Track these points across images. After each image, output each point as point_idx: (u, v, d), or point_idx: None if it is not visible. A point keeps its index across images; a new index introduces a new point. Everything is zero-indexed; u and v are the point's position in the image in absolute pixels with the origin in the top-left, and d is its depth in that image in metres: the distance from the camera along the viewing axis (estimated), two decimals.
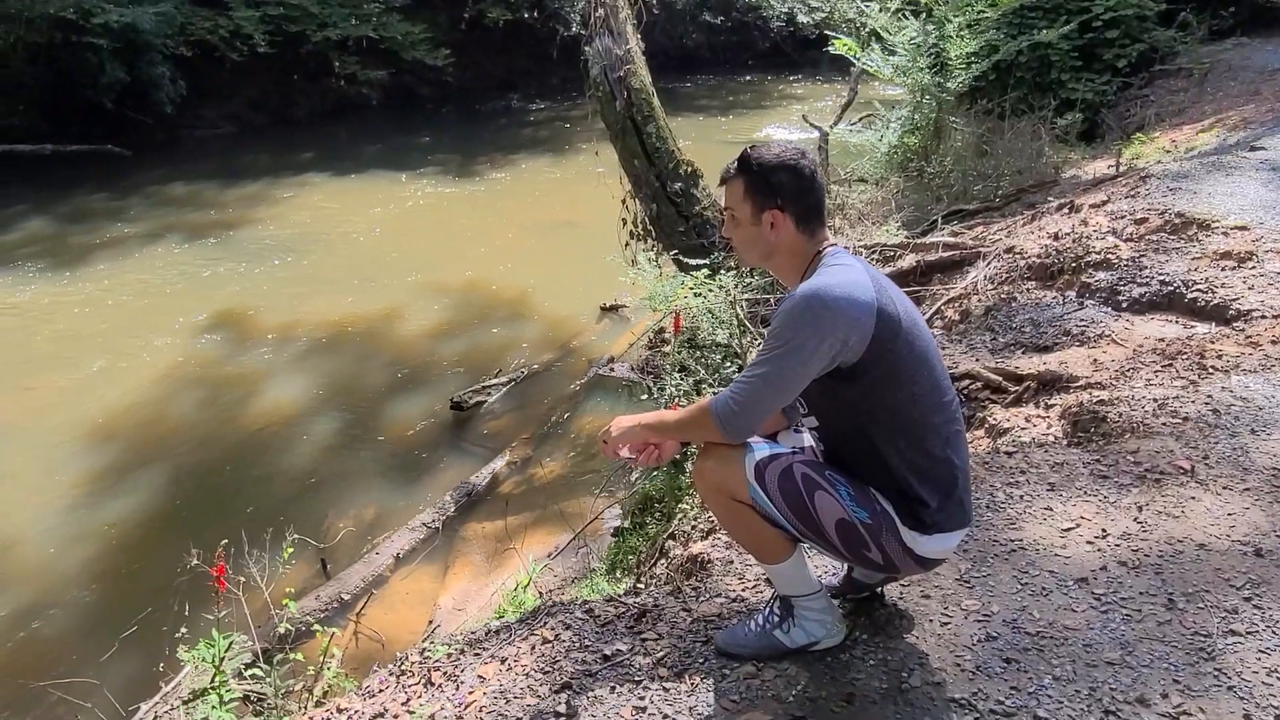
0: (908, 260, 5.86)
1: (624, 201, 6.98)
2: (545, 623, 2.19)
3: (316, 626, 4.09)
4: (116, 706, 3.18)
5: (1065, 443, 3.03)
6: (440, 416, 6.66)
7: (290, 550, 3.87)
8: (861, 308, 1.79)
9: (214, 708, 2.94)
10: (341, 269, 9.75)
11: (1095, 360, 3.88)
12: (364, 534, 5.40)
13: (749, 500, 1.91)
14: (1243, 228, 4.84)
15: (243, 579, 3.73)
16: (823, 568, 2.29)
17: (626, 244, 6.88)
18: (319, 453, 6.27)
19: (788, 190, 1.91)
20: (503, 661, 2.07)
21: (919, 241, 6.16)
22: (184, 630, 3.35)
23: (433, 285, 9.13)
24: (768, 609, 2.06)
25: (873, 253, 6.27)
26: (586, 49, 7.12)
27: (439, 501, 5.57)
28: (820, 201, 1.95)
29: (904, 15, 9.13)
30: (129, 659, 4.22)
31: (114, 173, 13.84)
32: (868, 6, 9.44)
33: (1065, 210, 5.98)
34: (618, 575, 4.33)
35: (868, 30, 9.51)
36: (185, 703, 3.20)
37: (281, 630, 3.44)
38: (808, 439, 2.08)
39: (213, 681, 3.05)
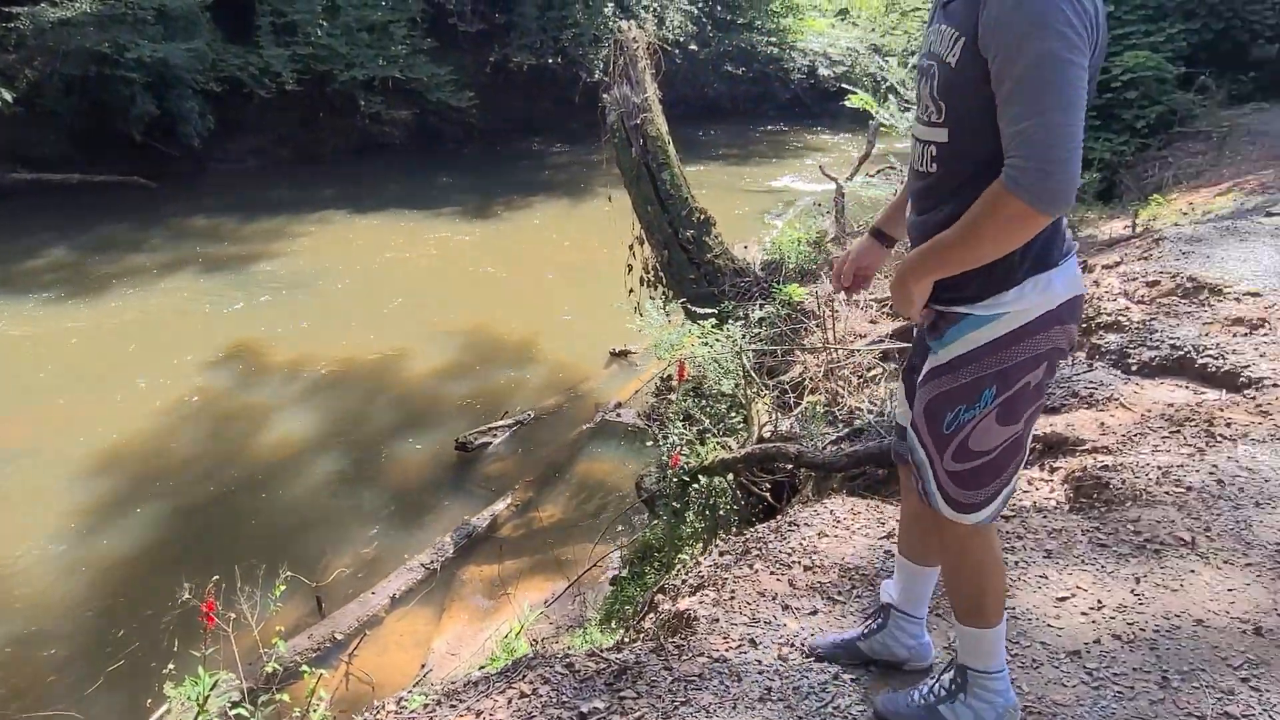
0: None
1: (631, 247, 7.01)
2: (524, 675, 2.15)
3: (305, 667, 4.05)
4: None
5: (1067, 508, 2.98)
6: (444, 457, 6.65)
7: (282, 588, 3.84)
8: None
9: None
10: (353, 306, 9.83)
11: (1102, 424, 3.83)
12: (362, 573, 5.36)
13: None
14: (1255, 294, 4.80)
15: (233, 616, 3.70)
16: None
17: (631, 290, 6.90)
18: (321, 489, 6.26)
19: None
20: (478, 715, 2.03)
21: None
22: (171, 667, 3.31)
23: (443, 325, 9.18)
24: (937, 678, 1.89)
25: (884, 306, 6.26)
26: (605, 96, 7.22)
27: (438, 542, 5.54)
28: None
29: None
30: (114, 693, 4.19)
31: (139, 204, 14.08)
32: (887, 61, 9.54)
33: None
34: (612, 626, 4.27)
35: (886, 86, 9.61)
36: None
37: (270, 670, 3.41)
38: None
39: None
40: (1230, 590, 2.27)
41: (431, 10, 18.61)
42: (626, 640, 2.61)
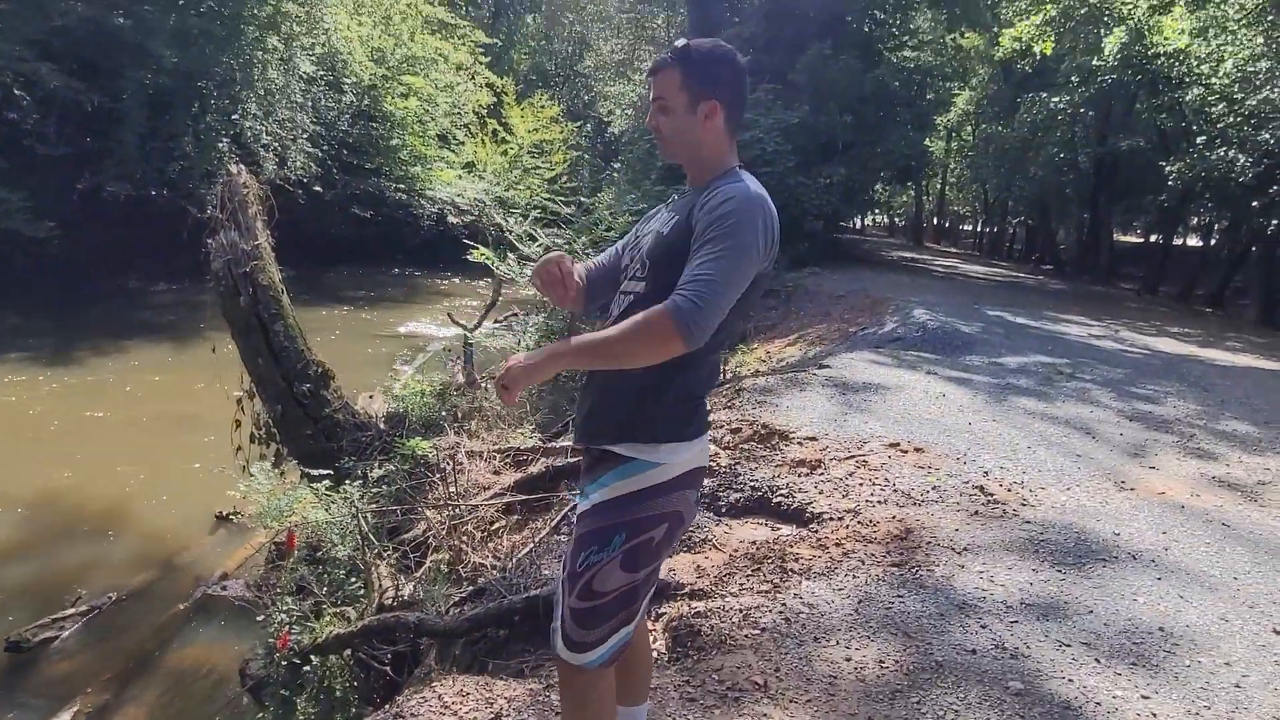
0: (538, 465, 6.02)
1: (240, 401, 6.50)
2: None
3: None
4: None
5: (666, 659, 3.15)
6: None
7: None
8: (776, 223, 1.86)
9: None
10: None
11: (699, 566, 4.16)
12: None
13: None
14: (813, 438, 5.63)
15: None
16: None
17: (240, 448, 6.35)
18: None
19: (727, 84, 1.91)
20: None
21: (550, 446, 6.38)
22: None
23: None
24: None
25: (506, 457, 6.38)
26: (210, 241, 6.77)
27: None
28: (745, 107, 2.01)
29: (536, 229, 9.87)
30: None
31: None
32: (511, 214, 10.08)
33: None
34: None
35: (510, 238, 10.10)
36: None
37: None
38: None
39: None
40: None
41: (3, 128, 16.37)
42: None
